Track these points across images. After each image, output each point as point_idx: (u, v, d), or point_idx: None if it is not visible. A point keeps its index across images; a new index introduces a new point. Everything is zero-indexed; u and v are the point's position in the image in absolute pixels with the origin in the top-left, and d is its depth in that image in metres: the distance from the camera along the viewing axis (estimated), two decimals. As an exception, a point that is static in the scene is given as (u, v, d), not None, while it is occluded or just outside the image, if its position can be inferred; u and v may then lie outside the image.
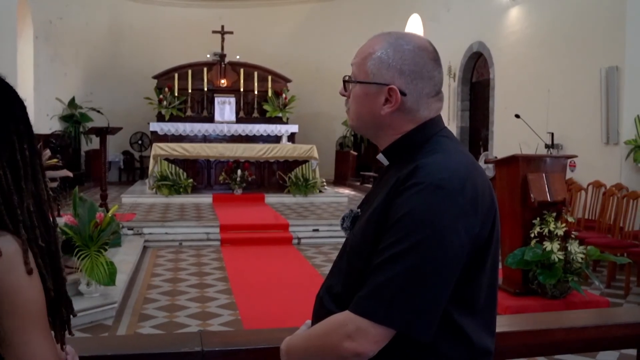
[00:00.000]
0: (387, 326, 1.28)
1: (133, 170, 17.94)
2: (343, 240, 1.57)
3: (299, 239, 9.37)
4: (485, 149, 11.82)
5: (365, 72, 1.47)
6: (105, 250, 5.50)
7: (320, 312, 1.50)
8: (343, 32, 17.19)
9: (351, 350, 1.30)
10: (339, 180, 16.88)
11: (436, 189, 1.31)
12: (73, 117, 16.10)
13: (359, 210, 1.55)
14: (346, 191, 14.98)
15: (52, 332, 1.30)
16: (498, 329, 2.54)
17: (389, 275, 1.29)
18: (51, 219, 1.31)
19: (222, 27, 16.56)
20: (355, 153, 17.11)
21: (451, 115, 13.20)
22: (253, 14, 18.03)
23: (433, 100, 1.49)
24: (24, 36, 14.11)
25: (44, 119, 14.91)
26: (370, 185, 15.09)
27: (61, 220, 5.54)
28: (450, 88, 13.12)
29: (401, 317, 1.27)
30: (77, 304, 5.32)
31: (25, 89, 14.07)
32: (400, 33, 1.50)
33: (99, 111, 16.04)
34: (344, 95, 1.57)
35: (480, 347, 1.41)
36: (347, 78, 1.54)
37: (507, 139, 10.78)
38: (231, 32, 16.48)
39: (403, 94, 1.44)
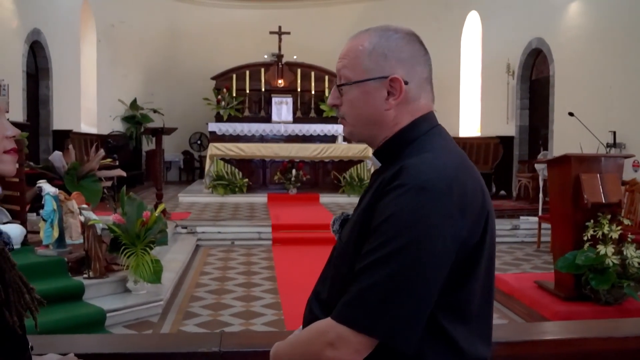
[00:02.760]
0: (368, 335, 1.21)
1: (193, 170, 18.27)
2: None
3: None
4: (545, 149, 11.46)
5: (361, 70, 1.39)
6: (152, 248, 5.58)
7: (308, 318, 1.44)
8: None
9: (332, 358, 1.24)
10: (396, 181, 16.68)
11: (420, 191, 1.23)
12: (134, 118, 16.51)
13: (349, 213, 1.49)
14: (402, 191, 14.81)
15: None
16: (546, 336, 2.43)
17: (370, 282, 1.22)
18: None
19: (280, 27, 16.65)
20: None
21: (510, 114, 12.88)
22: (309, 14, 18.06)
23: (430, 88, 1.42)
24: (88, 40, 14.57)
25: (106, 120, 15.36)
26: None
27: (109, 219, 5.67)
28: (509, 86, 12.80)
29: (383, 326, 1.21)
30: (124, 301, 5.47)
31: (89, 90, 14.54)
32: (382, 25, 1.43)
33: (159, 112, 16.40)
34: (334, 106, 1.47)
35: (473, 355, 1.33)
36: (341, 83, 1.44)
37: (567, 138, 10.41)
38: (288, 33, 16.56)
39: (405, 82, 1.36)
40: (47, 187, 5.71)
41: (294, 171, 12.75)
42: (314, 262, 8.03)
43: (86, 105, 14.44)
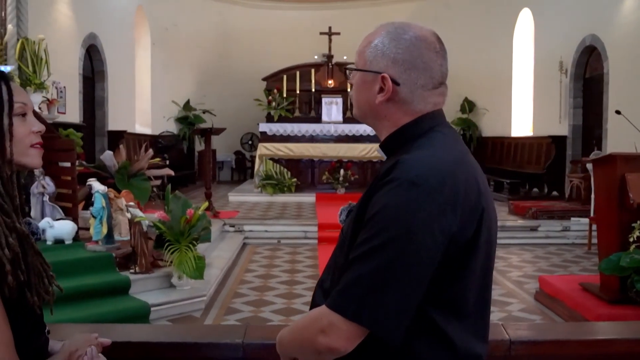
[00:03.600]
0: (356, 323, 1.25)
1: (244, 169, 18.52)
2: None
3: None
4: (599, 149, 11.17)
5: (364, 60, 1.46)
6: (195, 245, 5.72)
7: (312, 306, 1.49)
8: (451, 29, 16.85)
9: (324, 344, 1.28)
10: (447, 180, 16.53)
11: (411, 186, 1.27)
12: (187, 118, 16.86)
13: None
14: (452, 192, 14.67)
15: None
16: (592, 336, 2.41)
17: (360, 272, 1.26)
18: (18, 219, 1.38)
19: (330, 28, 16.70)
20: (463, 153, 16.75)
21: (563, 113, 12.60)
22: (359, 15, 18.05)
23: (430, 94, 1.43)
24: (142, 43, 14.96)
25: (160, 121, 15.74)
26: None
27: (154, 216, 5.83)
28: (562, 84, 12.52)
29: (369, 315, 1.24)
30: (169, 296, 5.62)
31: (143, 92, 14.92)
32: (402, 23, 1.46)
33: (211, 113, 16.70)
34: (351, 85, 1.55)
35: (466, 352, 1.35)
36: (349, 65, 1.53)
37: (622, 137, 10.11)
38: (338, 33, 16.59)
39: (396, 83, 1.40)
40: (96, 185, 5.92)
41: (342, 171, 12.80)
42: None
43: (141, 107, 14.83)
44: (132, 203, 6.08)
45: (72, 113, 10.38)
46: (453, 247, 1.28)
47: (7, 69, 6.04)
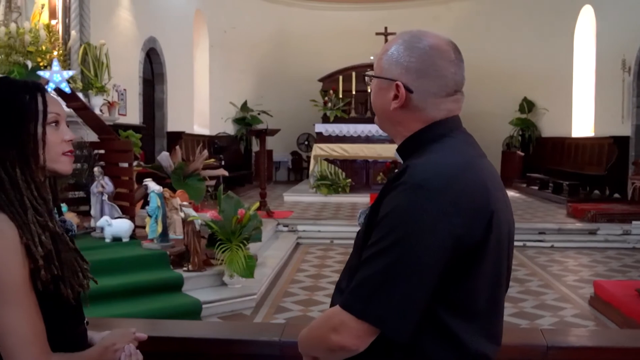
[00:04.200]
0: (365, 321, 1.29)
1: (300, 170, 18.68)
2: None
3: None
4: (664, 149, 10.80)
5: (380, 67, 1.50)
6: (245, 244, 5.84)
7: (331, 306, 1.54)
8: (509, 27, 16.60)
9: (336, 342, 1.33)
10: (505, 181, 16.07)
11: (417, 189, 1.30)
12: (245, 119, 17.13)
13: None
14: (511, 193, 14.43)
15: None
16: (634, 344, 2.37)
17: (369, 272, 1.31)
18: (49, 213, 1.48)
19: (385, 28, 16.65)
20: (522, 154, 16.43)
21: (625, 113, 12.22)
22: (413, 14, 17.95)
23: (443, 101, 1.45)
24: (201, 46, 15.29)
25: (218, 122, 16.05)
26: (536, 188, 14.41)
27: (206, 216, 5.98)
28: (625, 83, 12.15)
29: (376, 314, 1.28)
30: (220, 294, 5.76)
31: (201, 94, 15.24)
32: (419, 32, 1.50)
33: (268, 113, 16.91)
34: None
35: (475, 352, 1.37)
36: (369, 72, 1.58)
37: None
38: (394, 33, 16.53)
39: (410, 91, 1.44)
40: (152, 185, 6.11)
41: (396, 171, 12.75)
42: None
43: (199, 108, 15.16)
44: (185, 203, 6.25)
45: (133, 115, 10.72)
46: (460, 249, 1.31)
47: (70, 73, 6.30)
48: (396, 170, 1.41)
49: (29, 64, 6.99)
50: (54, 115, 1.55)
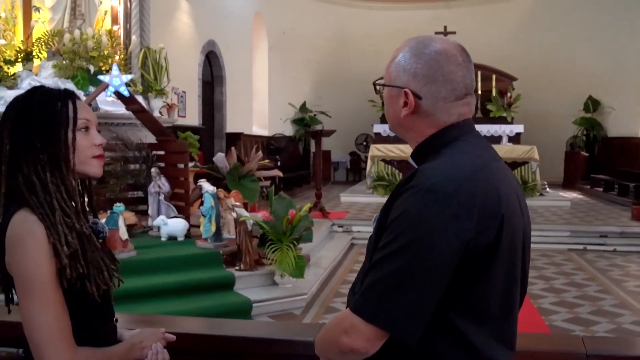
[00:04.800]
0: (374, 325, 1.31)
1: (359, 170, 18.68)
2: (545, 246, 1.57)
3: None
4: None
5: (389, 76, 1.52)
6: (296, 245, 5.90)
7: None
8: (573, 23, 16.15)
9: (347, 345, 1.34)
10: (568, 183, 15.85)
11: (427, 193, 1.31)
12: (303, 120, 17.26)
13: None
14: (573, 195, 14.06)
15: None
16: None
17: (378, 276, 1.32)
18: (77, 213, 1.56)
19: (445, 27, 16.47)
20: (587, 154, 15.96)
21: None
22: (474, 12, 17.70)
23: (453, 105, 1.46)
24: (260, 47, 15.50)
25: (277, 123, 16.23)
26: (601, 189, 13.98)
27: (257, 216, 6.08)
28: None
29: (385, 317, 1.29)
30: (271, 293, 5.84)
31: (260, 95, 15.45)
32: (425, 38, 1.50)
33: (326, 114, 16.99)
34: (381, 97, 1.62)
35: (486, 356, 1.36)
36: (380, 80, 1.59)
37: None
38: (454, 32, 16.31)
39: (418, 97, 1.45)
40: (206, 186, 6.25)
41: (407, 175, 12.61)
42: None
43: (258, 109, 15.37)
44: (238, 203, 6.36)
45: (192, 116, 10.97)
46: (470, 252, 1.30)
47: (128, 77, 6.51)
48: (407, 175, 1.41)
49: (92, 68, 7.27)
50: (84, 121, 1.63)
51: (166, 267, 5.70)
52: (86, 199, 1.74)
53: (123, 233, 5.55)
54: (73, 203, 1.56)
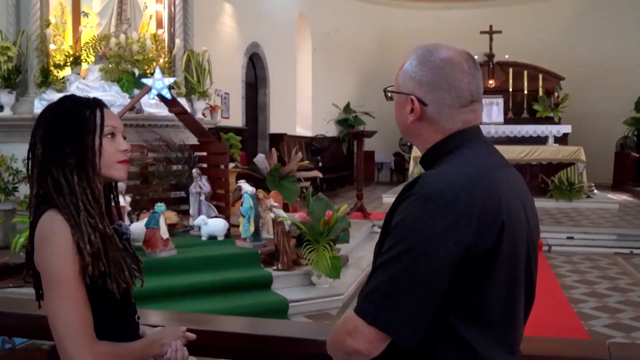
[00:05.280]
0: (375, 327, 1.35)
1: (403, 171, 18.60)
2: (597, 249, 1.58)
3: (550, 246, 8.92)
4: None
5: (397, 83, 1.57)
6: (332, 245, 5.95)
7: None
8: (625, 21, 15.76)
9: (350, 346, 1.39)
10: (618, 185, 15.47)
11: (426, 200, 1.34)
12: (347, 120, 17.29)
13: None
14: (622, 197, 13.71)
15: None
16: None
17: (379, 280, 1.36)
18: (101, 216, 1.64)
19: (490, 27, 16.31)
20: (637, 155, 15.54)
21: None
22: (521, 11, 17.43)
23: (458, 112, 1.48)
24: (303, 49, 15.61)
25: (321, 124, 16.30)
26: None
27: (294, 217, 6.15)
28: None
29: (385, 320, 1.33)
30: (307, 293, 5.91)
31: (304, 96, 15.56)
32: (431, 46, 1.54)
33: (370, 115, 16.98)
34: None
35: (486, 359, 1.38)
36: (389, 87, 1.63)
37: None
38: (499, 32, 16.15)
39: (424, 104, 1.48)
40: (245, 187, 6.36)
41: (409, 181, 12.47)
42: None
43: (302, 110, 15.48)
44: (276, 204, 6.45)
45: (235, 117, 11.14)
46: (469, 258, 1.33)
47: (170, 80, 6.67)
48: (409, 182, 1.45)
49: (136, 71, 7.46)
50: (110, 128, 1.72)
51: (205, 266, 5.82)
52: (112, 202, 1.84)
53: (164, 232, 5.69)
54: (97, 205, 1.65)
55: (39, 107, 7.25)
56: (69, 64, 7.64)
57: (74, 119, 1.68)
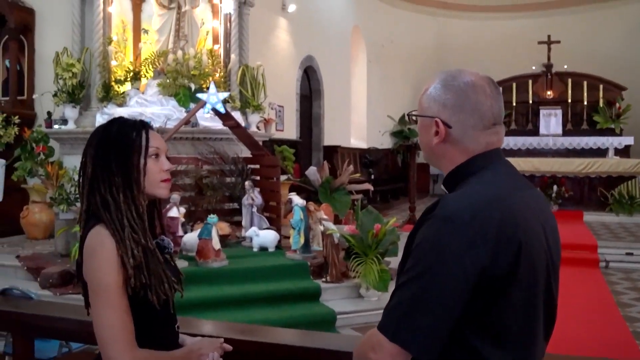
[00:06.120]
0: (394, 343, 1.41)
1: (457, 183, 18.42)
2: None
3: (607, 262, 8.70)
4: None
5: (421, 106, 1.63)
6: (381, 259, 5.98)
7: None
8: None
9: None
10: None
11: (445, 221, 1.40)
12: (402, 132, 17.26)
13: None
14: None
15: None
16: None
17: (399, 299, 1.43)
18: (143, 231, 1.76)
19: (549, 36, 16.07)
20: None
21: None
22: (581, 20, 17.08)
23: (481, 134, 1.54)
24: (358, 61, 15.69)
25: (376, 135, 16.33)
26: None
27: (343, 229, 6.22)
28: None
29: (405, 337, 1.40)
30: (356, 305, 5.96)
31: (359, 108, 15.63)
32: (455, 71, 1.60)
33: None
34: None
35: None
36: (413, 111, 1.69)
37: None
38: (558, 42, 15.90)
39: (448, 126, 1.55)
40: (296, 199, 6.47)
41: (555, 187, 12.24)
42: (572, 285, 7.71)
43: (356, 122, 15.55)
44: (326, 216, 6.53)
45: (290, 130, 11.30)
46: (486, 279, 1.38)
47: (224, 95, 6.86)
48: (432, 203, 1.51)
49: (192, 86, 7.69)
50: (154, 149, 1.84)
51: (256, 276, 5.94)
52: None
53: (216, 243, 5.85)
54: (141, 221, 1.77)
55: (100, 120, 7.55)
56: (129, 79, 7.94)
57: (121, 140, 1.81)
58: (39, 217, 7.65)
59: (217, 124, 7.51)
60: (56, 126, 7.74)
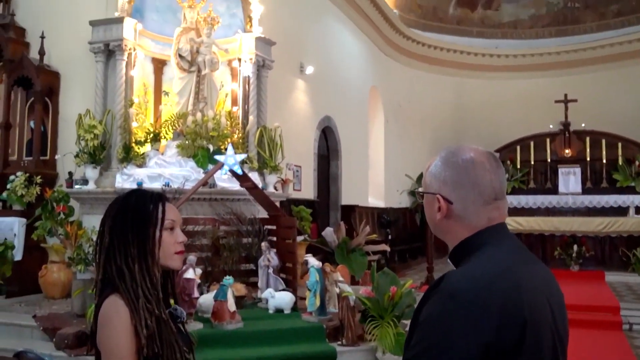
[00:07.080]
0: None
1: (478, 241, 18.26)
2: None
3: (631, 324, 8.50)
4: None
5: (425, 183, 1.68)
6: (397, 322, 5.91)
7: None
8: None
9: None
10: None
11: (449, 298, 1.41)
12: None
13: None
14: None
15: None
16: None
17: None
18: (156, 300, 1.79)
19: (565, 95, 16.16)
20: None
21: None
22: (597, 79, 17.20)
23: (482, 209, 1.56)
24: (376, 120, 15.87)
25: (393, 194, 16.33)
26: None
27: (359, 291, 6.17)
28: None
29: None
30: (372, 370, 5.83)
31: (376, 166, 15.71)
32: (455, 148, 1.64)
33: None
34: None
35: None
36: (418, 188, 1.73)
37: None
38: (575, 100, 15.97)
39: (449, 202, 1.57)
40: (312, 261, 6.46)
41: (575, 246, 12.10)
42: (594, 349, 7.55)
43: (374, 181, 15.60)
44: (341, 278, 6.50)
45: (307, 189, 11.36)
46: (492, 354, 1.38)
47: (242, 156, 6.94)
48: (437, 278, 1.52)
49: (211, 147, 7.82)
50: (170, 222, 1.90)
51: (271, 339, 5.89)
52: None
53: (231, 305, 5.83)
54: (155, 291, 1.80)
55: (120, 181, 7.68)
56: (149, 140, 8.09)
57: (139, 211, 1.86)
58: (57, 277, 7.69)
59: (235, 185, 7.59)
60: (77, 186, 7.88)
